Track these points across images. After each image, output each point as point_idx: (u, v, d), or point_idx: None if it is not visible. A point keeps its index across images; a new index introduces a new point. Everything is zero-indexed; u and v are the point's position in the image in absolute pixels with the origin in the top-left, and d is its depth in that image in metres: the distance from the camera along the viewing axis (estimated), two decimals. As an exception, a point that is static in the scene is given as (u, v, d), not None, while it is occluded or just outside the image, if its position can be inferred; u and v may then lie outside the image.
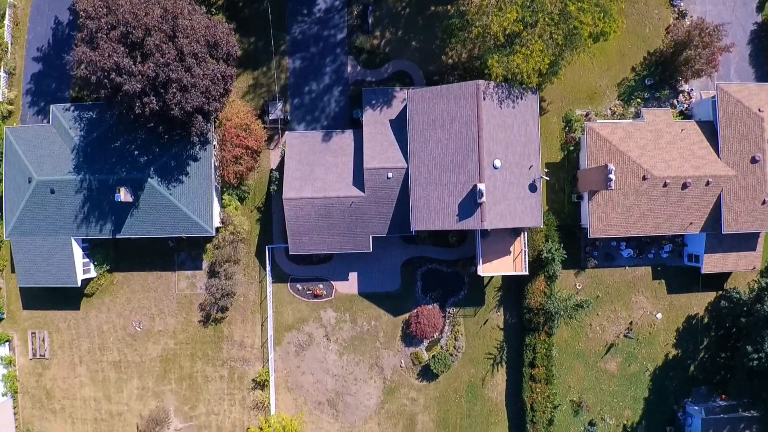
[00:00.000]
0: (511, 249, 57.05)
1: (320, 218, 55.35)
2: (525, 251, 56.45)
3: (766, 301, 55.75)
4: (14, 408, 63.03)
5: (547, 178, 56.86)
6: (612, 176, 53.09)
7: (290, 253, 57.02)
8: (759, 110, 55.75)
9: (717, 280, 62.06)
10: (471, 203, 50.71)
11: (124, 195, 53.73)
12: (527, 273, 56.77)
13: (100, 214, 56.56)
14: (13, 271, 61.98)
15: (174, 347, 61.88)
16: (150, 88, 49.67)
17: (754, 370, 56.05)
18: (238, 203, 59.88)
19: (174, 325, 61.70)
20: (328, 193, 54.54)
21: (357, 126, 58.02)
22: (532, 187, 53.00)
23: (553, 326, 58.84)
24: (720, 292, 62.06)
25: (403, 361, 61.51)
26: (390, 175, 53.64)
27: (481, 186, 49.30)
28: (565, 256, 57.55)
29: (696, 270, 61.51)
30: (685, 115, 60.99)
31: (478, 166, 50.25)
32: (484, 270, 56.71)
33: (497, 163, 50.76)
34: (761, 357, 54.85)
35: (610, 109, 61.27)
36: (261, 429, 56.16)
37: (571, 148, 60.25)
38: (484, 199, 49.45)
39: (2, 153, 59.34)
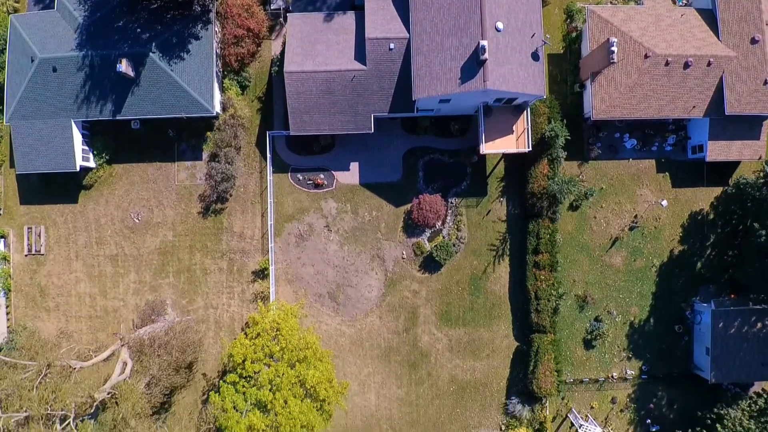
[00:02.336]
0: (514, 128, 56.70)
1: (321, 95, 55.09)
2: (528, 129, 56.09)
3: (772, 180, 55.14)
4: (6, 307, 61.76)
5: (549, 44, 56.81)
6: (614, 48, 53.15)
7: (291, 133, 56.60)
8: (757, -10, 56.11)
9: (721, 175, 61.52)
10: (473, 65, 50.51)
11: (125, 66, 53.60)
12: (530, 149, 56.32)
13: (101, 93, 56.33)
14: (11, 166, 61.50)
15: (172, 239, 60.97)
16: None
17: (763, 248, 55.05)
18: (239, 90, 59.70)
19: (173, 217, 60.90)
20: (329, 67, 54.41)
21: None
22: (535, 56, 52.89)
23: (556, 211, 58.14)
24: (725, 188, 61.43)
25: (404, 253, 60.54)
26: (392, 45, 53.59)
27: (484, 42, 49.18)
28: (569, 137, 57.02)
29: (700, 165, 61.15)
30: (685, 4, 61.30)
31: (481, 26, 50.19)
32: (486, 148, 56.28)
33: (499, 25, 50.75)
34: (769, 232, 53.93)
35: (611, 1, 61.57)
36: (261, 315, 54.78)
37: (573, 35, 60.36)
38: (486, 56, 49.28)
39: (6, 41, 59.39)
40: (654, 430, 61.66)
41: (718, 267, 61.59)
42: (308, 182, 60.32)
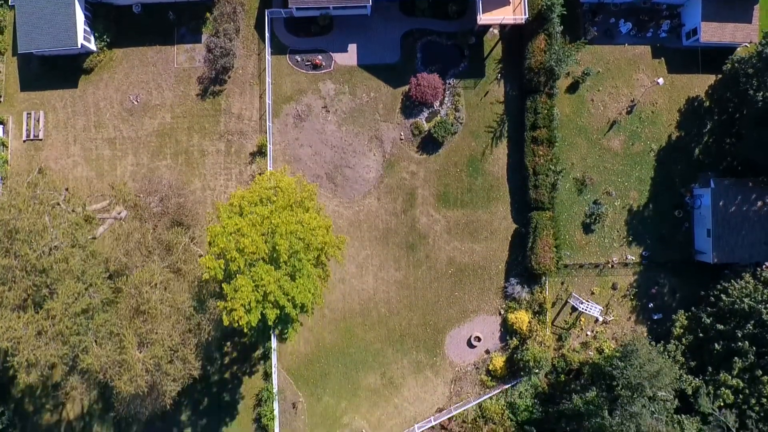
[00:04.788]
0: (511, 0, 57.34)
1: (320, -32, 55.80)
2: (524, -1, 56.78)
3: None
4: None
5: None
6: None
7: (290, 5, 57.11)
8: None
9: (715, 63, 61.75)
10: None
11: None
12: (527, 17, 56.81)
13: (104, -32, 57.12)
14: (14, 54, 62.01)
15: (171, 121, 61.07)
16: None
17: (759, 116, 54.96)
18: (239, -33, 60.46)
19: (171, 99, 61.11)
20: (327, -63, 55.25)
21: None
22: None
23: (554, 86, 58.43)
24: (719, 76, 61.60)
25: (402, 134, 60.55)
26: None
27: None
28: (565, 11, 57.48)
29: (695, 52, 61.71)
30: None
31: None
32: (483, 19, 56.79)
33: None
34: (766, 96, 53.88)
35: None
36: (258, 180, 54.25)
37: None
38: None
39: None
40: (657, 317, 60.75)
41: (716, 154, 61.50)
42: (306, 64, 60.70)
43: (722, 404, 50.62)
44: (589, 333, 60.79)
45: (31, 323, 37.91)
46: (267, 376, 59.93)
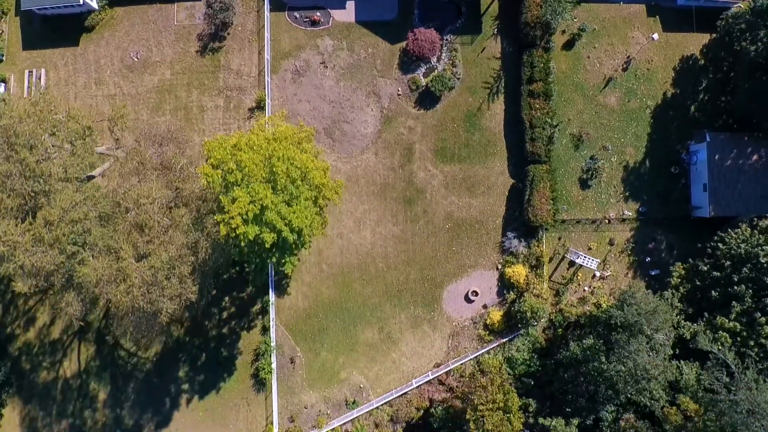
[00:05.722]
0: (507, -48, 58.05)
1: None
2: (520, -50, 57.41)
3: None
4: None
5: None
6: None
7: (289, -40, 57.88)
8: None
9: (710, 22, 62.28)
10: None
11: None
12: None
13: (106, -77, 57.96)
14: (16, 14, 62.77)
15: (170, 78, 61.63)
16: None
17: (753, 64, 55.35)
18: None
19: (171, 56, 61.75)
20: None
21: None
22: None
23: (550, 40, 59.00)
24: (713, 35, 62.15)
25: (400, 89, 61.04)
26: None
27: None
28: (560, -36, 58.15)
29: (689, 11, 62.32)
30: None
31: None
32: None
33: None
34: (758, 46, 54.26)
35: None
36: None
37: None
38: None
39: None
40: (654, 273, 60.83)
41: (712, 112, 61.90)
42: (305, 20, 61.35)
43: (721, 347, 50.59)
44: (586, 288, 60.86)
45: (28, 231, 38.02)
46: (265, 330, 59.96)
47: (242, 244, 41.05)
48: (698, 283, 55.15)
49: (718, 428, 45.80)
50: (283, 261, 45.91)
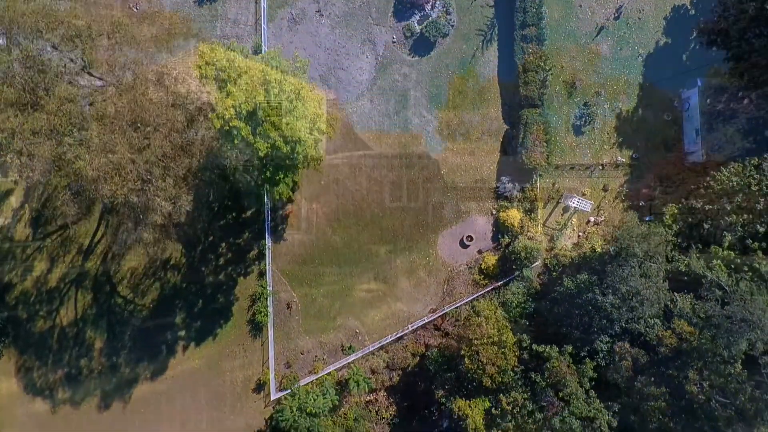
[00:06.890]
0: None
1: None
2: None
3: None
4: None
5: None
6: None
7: None
8: None
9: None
10: None
11: None
12: None
13: None
14: (14, -33, 63.42)
15: (168, 27, 62.15)
16: None
17: (751, 17, 55.91)
18: None
19: (169, 5, 62.31)
20: None
21: None
22: None
23: (543, -16, 59.73)
24: (703, -16, 62.95)
25: (395, 37, 61.71)
26: None
27: None
28: None
29: (680, -41, 63.13)
30: None
31: None
32: None
33: None
34: (749, -9, 54.97)
35: None
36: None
37: None
38: None
39: None
40: (648, 219, 61.20)
41: (703, 60, 62.56)
42: (301, -30, 62.11)
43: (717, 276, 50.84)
44: (581, 234, 61.28)
45: (27, 121, 38.42)
46: (261, 276, 60.21)
47: (235, 141, 41.39)
48: (691, 220, 55.54)
49: (713, 346, 46.04)
50: (277, 178, 46.16)
